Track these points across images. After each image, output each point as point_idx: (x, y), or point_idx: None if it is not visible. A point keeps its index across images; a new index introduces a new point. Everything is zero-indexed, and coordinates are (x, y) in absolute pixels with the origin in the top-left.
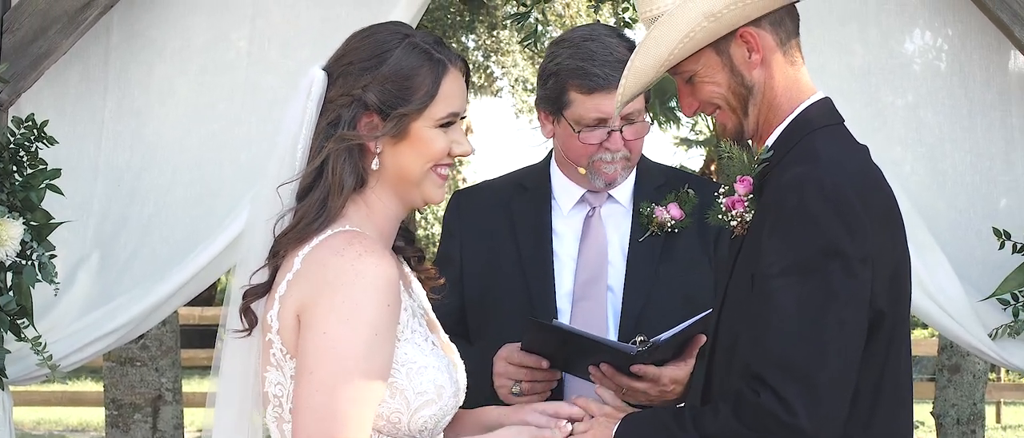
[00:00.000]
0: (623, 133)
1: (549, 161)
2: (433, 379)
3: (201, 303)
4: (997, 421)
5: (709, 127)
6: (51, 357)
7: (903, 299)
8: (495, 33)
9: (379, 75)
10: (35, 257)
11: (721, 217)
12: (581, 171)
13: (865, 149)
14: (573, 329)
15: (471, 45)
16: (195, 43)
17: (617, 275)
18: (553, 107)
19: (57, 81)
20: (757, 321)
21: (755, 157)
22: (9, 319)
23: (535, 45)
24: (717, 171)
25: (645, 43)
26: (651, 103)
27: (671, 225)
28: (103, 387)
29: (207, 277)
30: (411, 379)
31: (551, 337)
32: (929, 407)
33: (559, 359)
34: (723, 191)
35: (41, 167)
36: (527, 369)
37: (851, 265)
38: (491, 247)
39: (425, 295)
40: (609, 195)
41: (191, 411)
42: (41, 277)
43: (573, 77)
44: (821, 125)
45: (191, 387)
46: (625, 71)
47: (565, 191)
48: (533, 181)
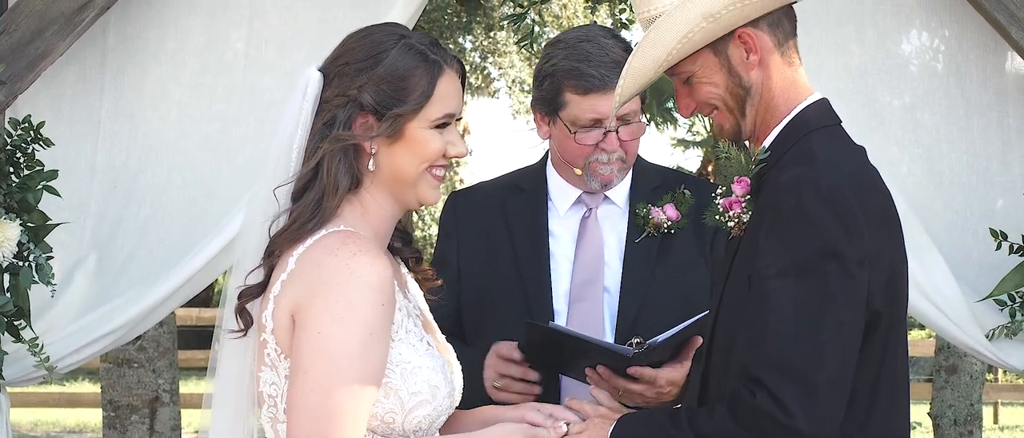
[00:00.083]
0: (619, 134)
1: (545, 162)
2: (427, 379)
3: (198, 304)
4: (994, 422)
5: (706, 128)
6: (48, 358)
7: (900, 300)
8: (492, 34)
9: (375, 75)
10: (32, 258)
11: (718, 218)
12: (577, 172)
13: (862, 150)
14: (570, 331)
15: (468, 46)
16: (192, 45)
17: (613, 276)
18: (549, 108)
19: (54, 82)
20: (754, 322)
21: (752, 158)
22: (6, 320)
23: (532, 46)
24: (714, 172)
25: (643, 44)
26: (647, 104)
27: (667, 226)
28: (100, 388)
29: (204, 278)
30: (405, 379)
31: (548, 339)
32: (926, 408)
33: (556, 361)
34: (720, 192)
35: (38, 168)
36: (514, 366)
37: (848, 266)
38: (488, 248)
39: (422, 296)
40: (605, 196)
41: (188, 412)
42: (38, 278)
43: (569, 78)
44: (818, 126)
45: (188, 388)
46: (623, 71)
47: (561, 192)
48: (529, 182)
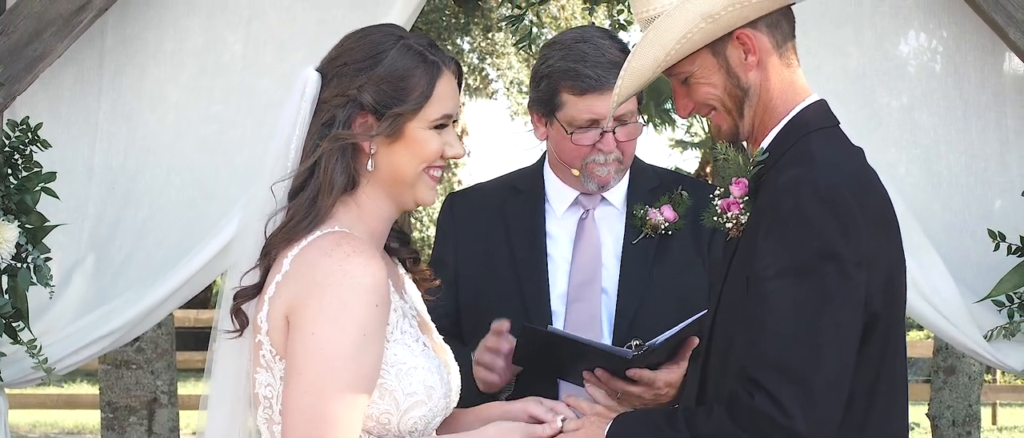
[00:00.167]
0: (615, 134)
1: (543, 164)
2: (423, 380)
3: (197, 306)
4: (993, 423)
5: (705, 129)
6: (46, 360)
7: (898, 301)
8: (490, 35)
9: (375, 75)
10: (30, 260)
11: (717, 219)
12: (574, 173)
13: (860, 151)
14: (568, 335)
15: (466, 47)
16: (190, 46)
17: (611, 277)
18: (545, 109)
19: (52, 84)
20: (752, 323)
21: (750, 159)
22: (4, 322)
23: (530, 47)
24: (713, 173)
25: (642, 44)
26: (644, 104)
27: (664, 227)
28: (99, 390)
29: (202, 280)
30: (400, 380)
31: (545, 343)
32: (925, 409)
33: (553, 365)
34: (719, 193)
35: (36, 170)
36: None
37: (846, 267)
38: (485, 249)
39: (420, 296)
40: (603, 197)
41: (187, 414)
42: (36, 280)
43: (565, 79)
44: (817, 127)
45: (187, 390)
46: (622, 71)
47: (559, 193)
48: (527, 183)
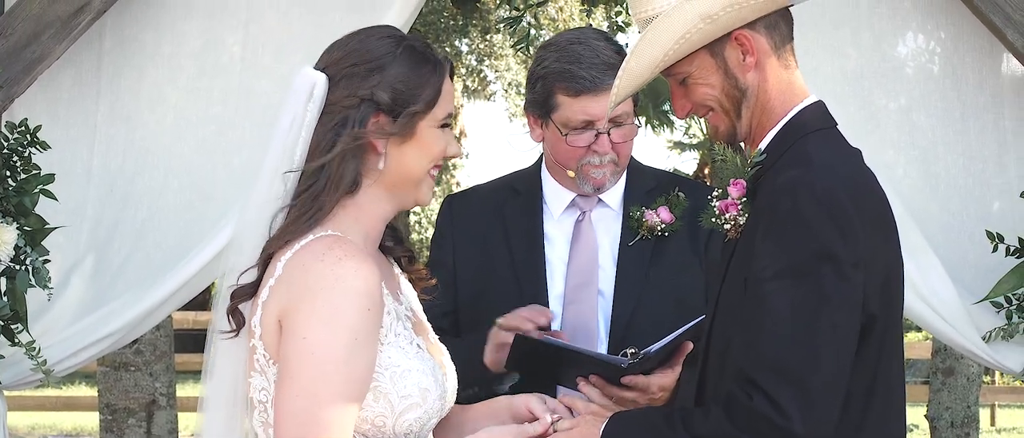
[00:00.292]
0: (611, 136)
1: (540, 165)
2: (417, 382)
3: (195, 307)
4: (991, 424)
5: (702, 131)
6: (45, 362)
7: (896, 303)
8: (488, 37)
9: (388, 75)
10: (29, 262)
11: (714, 220)
12: (570, 175)
13: (858, 152)
14: (562, 344)
15: (464, 49)
16: (188, 48)
17: (607, 279)
18: (541, 110)
19: (50, 86)
20: (750, 325)
21: (748, 160)
22: (3, 324)
23: (528, 49)
24: (710, 175)
25: (640, 44)
26: (641, 105)
27: (661, 229)
28: (97, 392)
29: (201, 282)
30: (395, 383)
31: (540, 351)
32: (923, 410)
33: (548, 371)
34: (716, 194)
35: (34, 172)
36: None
37: (844, 269)
38: (483, 251)
39: (416, 296)
40: (599, 199)
41: (185, 415)
42: (35, 282)
43: (560, 80)
44: (814, 128)
45: (185, 391)
46: (619, 71)
47: (556, 195)
48: (524, 185)
